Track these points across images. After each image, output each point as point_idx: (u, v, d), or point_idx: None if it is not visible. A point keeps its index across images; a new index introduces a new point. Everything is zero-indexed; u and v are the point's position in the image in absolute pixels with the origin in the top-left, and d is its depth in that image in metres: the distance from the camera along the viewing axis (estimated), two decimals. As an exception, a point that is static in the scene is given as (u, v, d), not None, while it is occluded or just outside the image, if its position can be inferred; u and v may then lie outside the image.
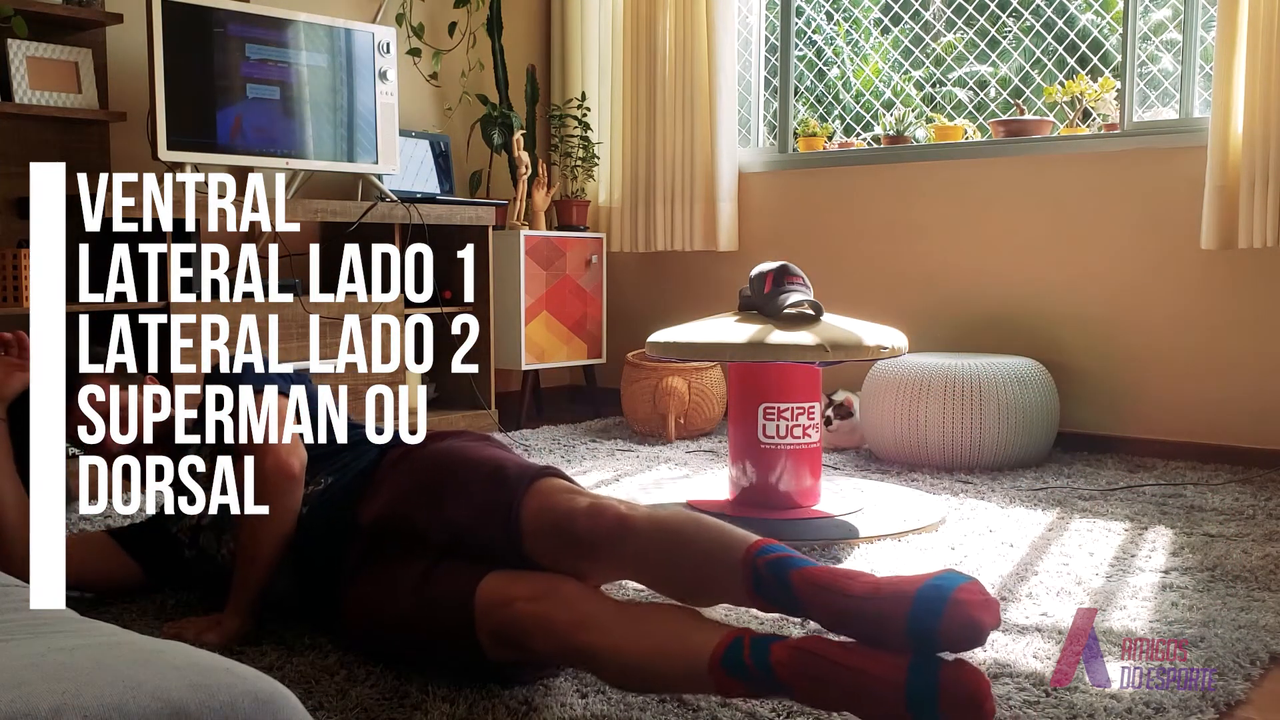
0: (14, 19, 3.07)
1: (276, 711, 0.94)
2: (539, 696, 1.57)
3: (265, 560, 1.83)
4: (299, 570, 1.86)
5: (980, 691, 1.27)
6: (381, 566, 1.71)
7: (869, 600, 1.33)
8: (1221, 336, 3.46)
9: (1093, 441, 3.65)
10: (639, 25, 4.45)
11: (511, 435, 3.93)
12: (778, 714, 1.52)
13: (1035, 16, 4.23)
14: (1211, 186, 3.30)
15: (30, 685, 0.88)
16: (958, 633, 1.27)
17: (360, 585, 1.73)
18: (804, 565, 1.41)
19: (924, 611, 1.28)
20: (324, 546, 1.82)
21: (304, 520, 1.85)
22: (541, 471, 1.69)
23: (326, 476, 1.91)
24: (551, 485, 1.65)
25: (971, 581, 1.31)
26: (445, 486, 1.71)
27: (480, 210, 4.00)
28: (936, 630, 1.27)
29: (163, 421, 2.05)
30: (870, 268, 4.11)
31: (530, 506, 1.61)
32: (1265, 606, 2.00)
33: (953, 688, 1.27)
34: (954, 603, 1.27)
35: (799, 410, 2.74)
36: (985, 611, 1.28)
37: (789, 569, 1.40)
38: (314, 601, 1.86)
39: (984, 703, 1.27)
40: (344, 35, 3.67)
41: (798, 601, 1.39)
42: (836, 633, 1.38)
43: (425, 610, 1.60)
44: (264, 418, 1.86)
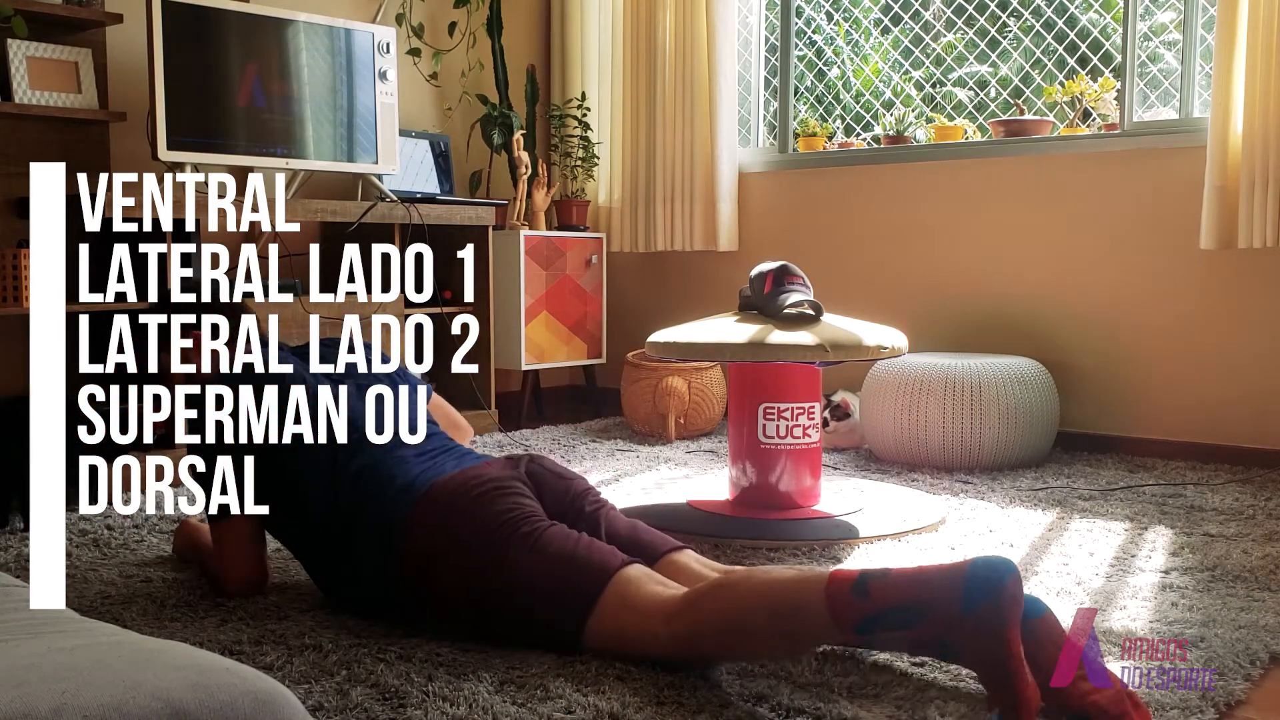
0: (14, 19, 3.07)
1: (276, 711, 0.94)
2: (539, 695, 1.57)
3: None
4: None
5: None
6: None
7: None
8: (1221, 336, 3.46)
9: (1093, 441, 3.65)
10: (639, 25, 4.45)
11: (511, 435, 3.93)
12: (778, 714, 1.52)
13: (1035, 16, 4.23)
14: (1211, 186, 3.30)
15: (30, 685, 0.88)
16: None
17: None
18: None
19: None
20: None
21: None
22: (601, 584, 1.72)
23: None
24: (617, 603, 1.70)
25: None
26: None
27: (480, 210, 4.00)
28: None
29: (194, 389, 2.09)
30: (870, 268, 4.11)
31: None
32: (1265, 606, 2.00)
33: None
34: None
35: (799, 410, 2.73)
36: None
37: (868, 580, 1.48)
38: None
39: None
40: (344, 35, 3.67)
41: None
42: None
43: (557, 566, 1.70)
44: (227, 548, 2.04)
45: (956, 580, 1.41)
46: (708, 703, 1.55)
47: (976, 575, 1.40)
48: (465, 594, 1.78)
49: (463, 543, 1.80)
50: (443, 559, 1.81)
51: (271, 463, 1.97)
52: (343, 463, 1.95)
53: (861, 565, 2.18)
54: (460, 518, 1.82)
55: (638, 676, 1.63)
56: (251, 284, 2.76)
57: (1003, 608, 1.38)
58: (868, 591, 1.46)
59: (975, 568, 1.41)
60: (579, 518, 1.91)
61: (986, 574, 1.40)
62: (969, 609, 1.39)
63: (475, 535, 1.79)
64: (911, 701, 1.55)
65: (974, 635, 1.39)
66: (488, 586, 1.76)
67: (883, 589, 1.45)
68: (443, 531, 1.82)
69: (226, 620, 1.92)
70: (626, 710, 1.52)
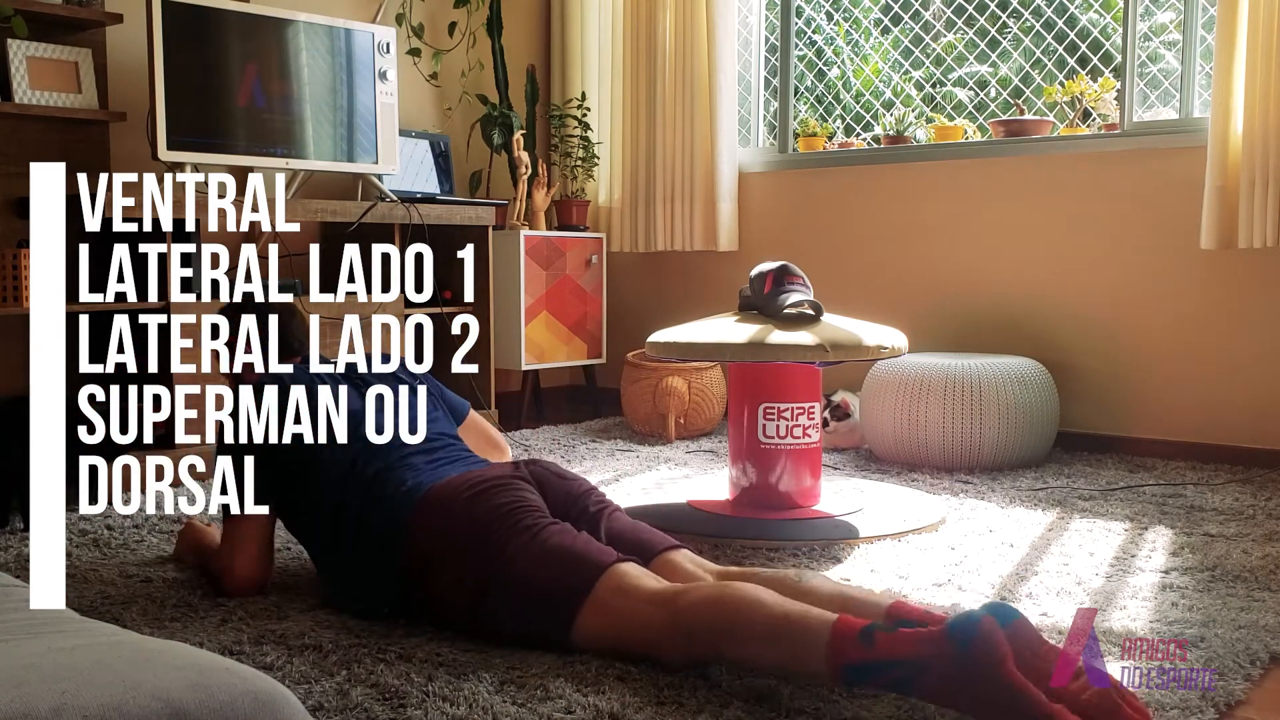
0: (14, 19, 3.07)
1: (276, 711, 0.94)
2: (539, 695, 1.57)
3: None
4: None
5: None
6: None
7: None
8: (1221, 336, 3.46)
9: (1093, 441, 3.65)
10: (639, 25, 4.45)
11: (511, 436, 3.93)
12: (778, 714, 1.52)
13: (1035, 16, 4.23)
14: (1211, 186, 3.30)
15: (30, 685, 0.88)
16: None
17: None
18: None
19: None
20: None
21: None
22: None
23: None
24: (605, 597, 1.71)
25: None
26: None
27: (480, 210, 4.00)
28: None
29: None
30: (870, 268, 4.11)
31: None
32: (1265, 606, 2.00)
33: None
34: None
35: (799, 410, 2.73)
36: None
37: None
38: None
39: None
40: (344, 35, 3.66)
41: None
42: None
43: (554, 557, 1.73)
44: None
45: (943, 634, 1.44)
46: (708, 703, 1.55)
47: (955, 624, 1.44)
48: (466, 587, 1.79)
49: (463, 539, 1.81)
50: (443, 558, 1.82)
51: (292, 464, 1.99)
52: (360, 467, 1.98)
53: (864, 578, 2.21)
54: (459, 515, 1.84)
55: (638, 676, 1.63)
56: (251, 284, 2.76)
57: (992, 640, 1.40)
58: (874, 641, 1.46)
59: (951, 623, 1.45)
60: (581, 517, 1.93)
61: (962, 622, 1.43)
62: (963, 648, 1.40)
63: (475, 528, 1.81)
64: (911, 702, 1.55)
65: (974, 675, 1.40)
66: (488, 576, 1.77)
67: (888, 641, 1.46)
68: (443, 530, 1.84)
69: (226, 620, 1.92)
70: (626, 710, 1.52)
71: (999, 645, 1.39)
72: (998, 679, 1.38)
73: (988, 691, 1.39)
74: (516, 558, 1.76)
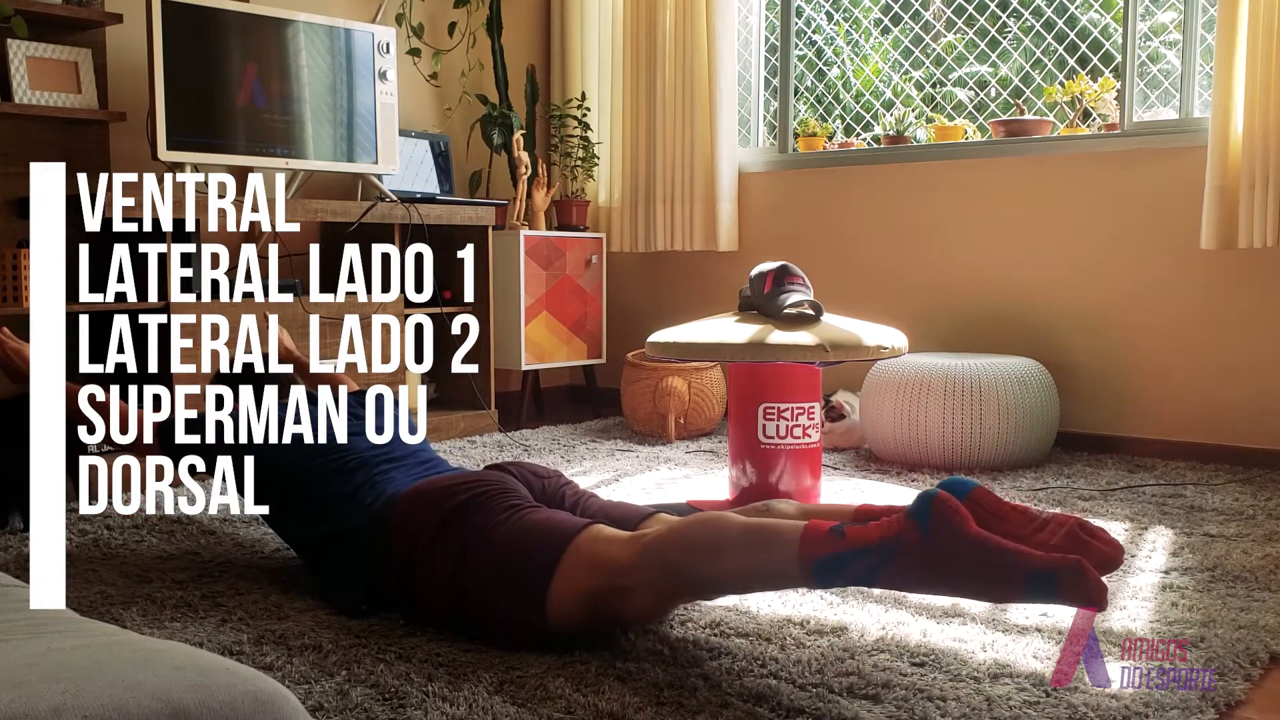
0: (14, 19, 3.07)
1: (276, 711, 0.94)
2: (538, 695, 1.57)
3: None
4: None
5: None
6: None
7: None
8: (1221, 336, 3.46)
9: (1093, 441, 3.65)
10: (639, 25, 4.45)
11: (511, 435, 3.93)
12: (778, 714, 1.52)
13: (1035, 16, 4.23)
14: (1211, 187, 3.30)
15: (30, 685, 0.88)
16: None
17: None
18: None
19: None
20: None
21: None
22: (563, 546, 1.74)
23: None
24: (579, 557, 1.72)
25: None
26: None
27: (480, 210, 4.00)
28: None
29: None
30: (870, 268, 4.11)
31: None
32: (1265, 606, 2.00)
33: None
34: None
35: (799, 410, 2.74)
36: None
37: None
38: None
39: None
40: (344, 35, 3.66)
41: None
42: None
43: (531, 527, 1.74)
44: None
45: (903, 513, 1.50)
46: (708, 703, 1.55)
47: (913, 503, 1.49)
48: (449, 556, 1.80)
49: (450, 516, 1.83)
50: (429, 541, 1.83)
51: (279, 466, 2.01)
52: (348, 474, 2.00)
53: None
54: (437, 507, 1.86)
55: (637, 676, 1.63)
56: (251, 284, 2.76)
57: (950, 506, 1.45)
58: (843, 533, 1.53)
59: (910, 504, 1.51)
60: (559, 507, 1.97)
61: (920, 498, 1.49)
62: (924, 519, 1.45)
63: (459, 509, 1.83)
64: (911, 701, 1.55)
65: (939, 543, 1.44)
66: (467, 544, 1.78)
67: (857, 531, 1.52)
68: (428, 513, 1.87)
69: (226, 620, 1.92)
70: (626, 710, 1.52)
71: (957, 510, 1.44)
72: (962, 540, 1.42)
73: (956, 555, 1.42)
74: (496, 531, 1.78)
